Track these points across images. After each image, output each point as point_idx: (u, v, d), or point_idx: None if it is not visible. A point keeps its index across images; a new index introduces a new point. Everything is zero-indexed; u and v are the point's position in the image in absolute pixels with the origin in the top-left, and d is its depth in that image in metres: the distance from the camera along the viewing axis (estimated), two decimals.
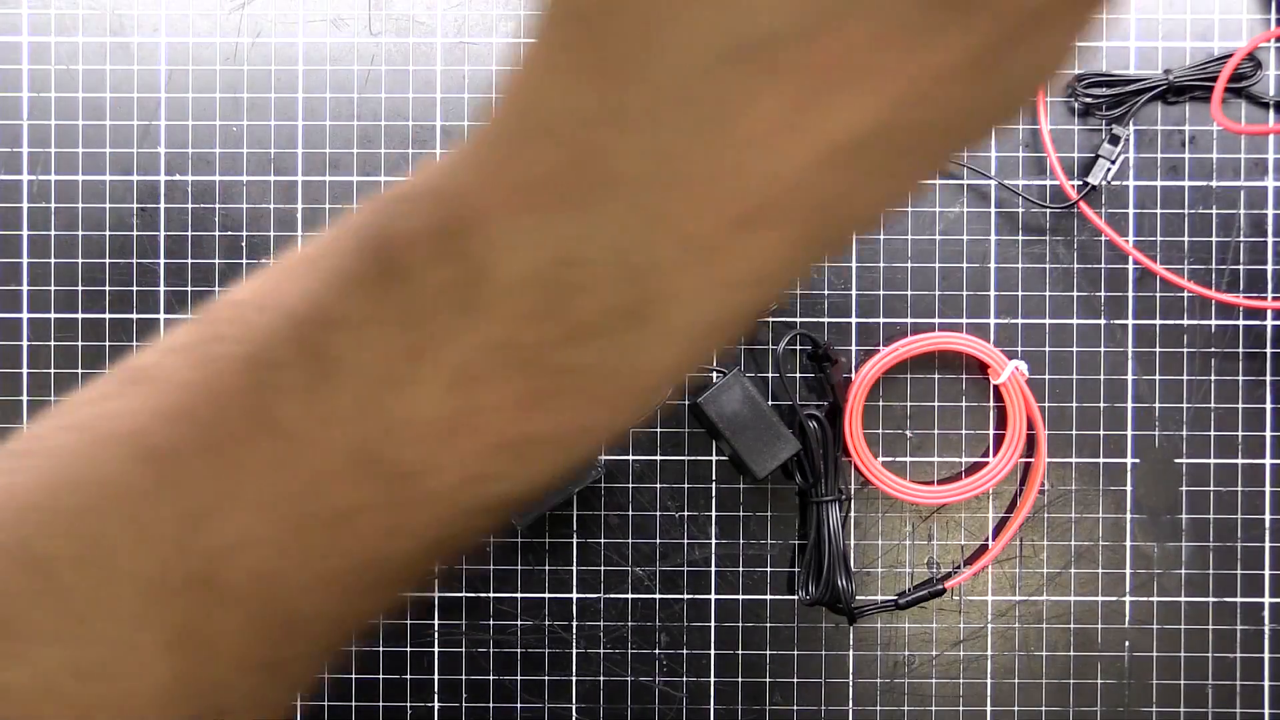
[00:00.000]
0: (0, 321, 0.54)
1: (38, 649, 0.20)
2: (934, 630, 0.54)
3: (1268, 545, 0.54)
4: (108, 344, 0.54)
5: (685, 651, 0.54)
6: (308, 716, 0.54)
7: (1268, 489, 0.54)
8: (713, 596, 0.54)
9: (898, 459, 0.54)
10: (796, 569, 0.54)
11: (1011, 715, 0.54)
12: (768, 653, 0.54)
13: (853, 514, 0.54)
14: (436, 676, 0.54)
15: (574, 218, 0.19)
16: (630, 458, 0.54)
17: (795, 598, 0.54)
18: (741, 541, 0.54)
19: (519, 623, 0.54)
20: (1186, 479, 0.54)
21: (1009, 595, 0.54)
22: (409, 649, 0.54)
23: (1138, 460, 0.54)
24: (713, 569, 0.54)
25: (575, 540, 0.54)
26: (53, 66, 0.54)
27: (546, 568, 0.54)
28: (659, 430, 0.54)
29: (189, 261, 0.54)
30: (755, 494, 0.54)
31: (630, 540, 0.54)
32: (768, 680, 0.54)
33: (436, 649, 0.54)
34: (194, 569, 0.20)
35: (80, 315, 0.54)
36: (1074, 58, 0.53)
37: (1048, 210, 0.54)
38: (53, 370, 0.54)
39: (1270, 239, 0.54)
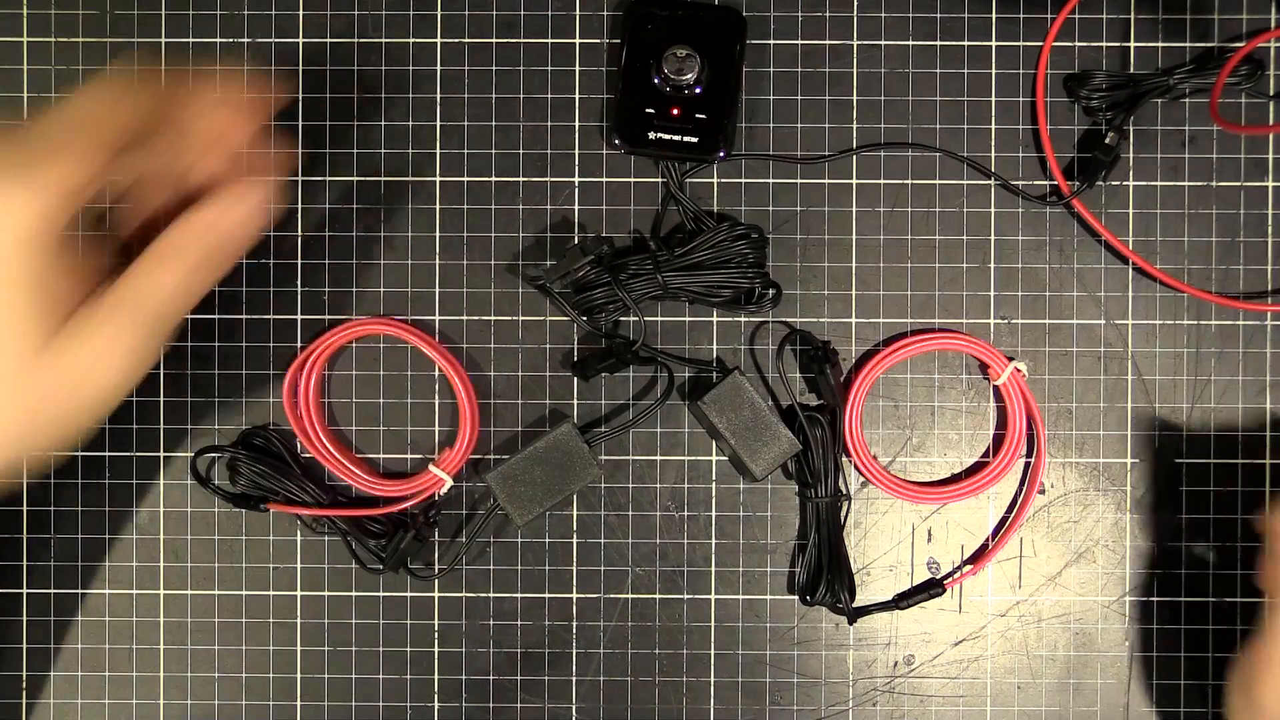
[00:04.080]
0: None
1: None
2: (934, 630, 0.54)
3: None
4: None
5: (685, 651, 0.54)
6: (309, 717, 0.54)
7: (1267, 489, 0.54)
8: (713, 596, 0.54)
9: (898, 459, 0.54)
10: (796, 569, 0.54)
11: (1011, 715, 0.54)
12: (768, 653, 0.54)
13: (853, 514, 0.54)
14: (436, 676, 0.54)
15: None
16: (630, 458, 0.54)
17: (795, 598, 0.54)
18: (741, 541, 0.54)
19: (519, 623, 0.54)
20: (1186, 479, 0.54)
21: (1009, 595, 0.54)
22: (409, 649, 0.54)
23: (1137, 460, 0.54)
24: (713, 569, 0.54)
25: (575, 540, 0.54)
26: (53, 67, 0.54)
27: (546, 568, 0.54)
28: (659, 430, 0.54)
29: None
30: (755, 494, 0.54)
31: (630, 540, 0.54)
32: (768, 680, 0.54)
33: (436, 649, 0.54)
34: None
35: None
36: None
37: (1047, 210, 0.54)
38: None
39: (1270, 239, 0.54)
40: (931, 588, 0.53)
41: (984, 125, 0.54)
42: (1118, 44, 0.54)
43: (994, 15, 0.54)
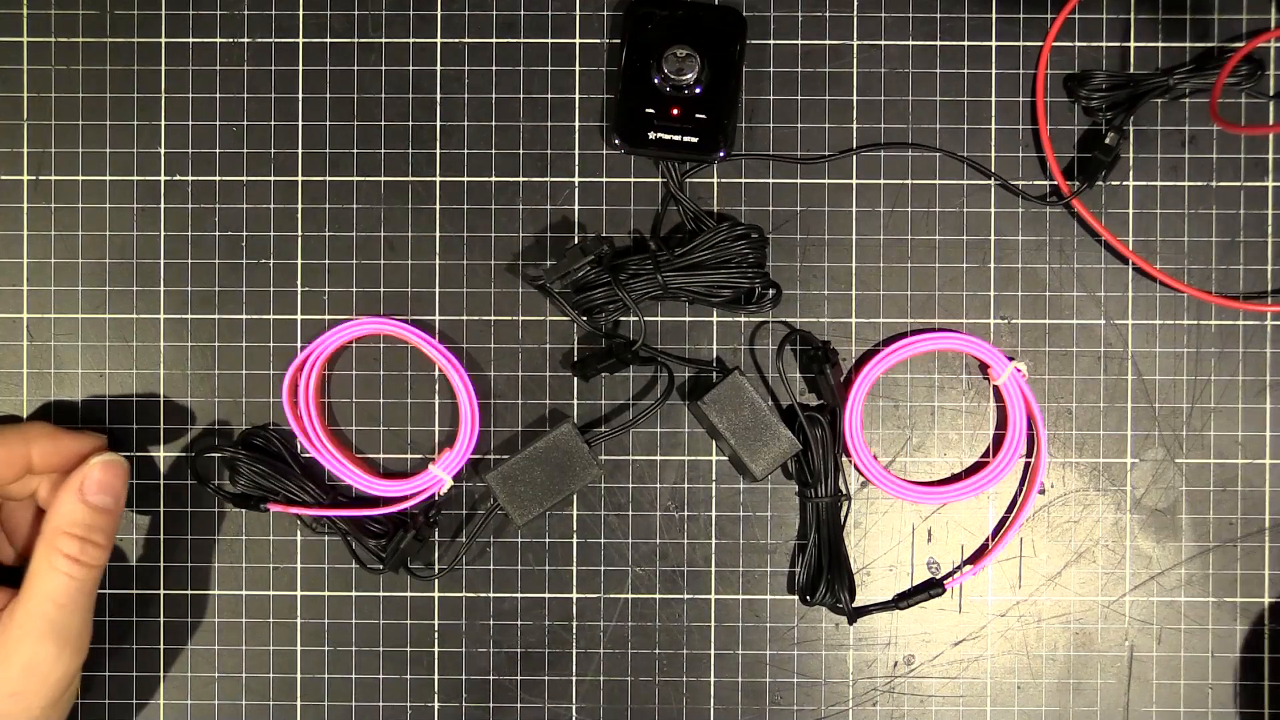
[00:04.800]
0: (0, 321, 0.54)
1: None
2: (934, 630, 0.54)
3: (1268, 545, 0.54)
4: (108, 344, 0.54)
5: (685, 651, 0.54)
6: (309, 717, 0.54)
7: (1268, 489, 0.54)
8: (713, 596, 0.54)
9: (898, 459, 0.54)
10: (796, 569, 0.54)
11: (1011, 715, 0.54)
12: (768, 653, 0.54)
13: (853, 514, 0.54)
14: (436, 676, 0.54)
15: None
16: (630, 458, 0.54)
17: (795, 598, 0.54)
18: (741, 541, 0.54)
19: (519, 623, 0.54)
20: (1186, 479, 0.54)
21: (1009, 595, 0.54)
22: (409, 649, 0.54)
23: (1137, 460, 0.54)
24: (713, 569, 0.54)
25: (575, 540, 0.54)
26: (53, 67, 0.54)
27: (546, 568, 0.54)
28: (659, 430, 0.54)
29: (189, 262, 0.54)
30: (755, 494, 0.54)
31: (630, 540, 0.54)
32: (768, 680, 0.54)
33: (436, 649, 0.54)
34: None
35: (80, 316, 0.54)
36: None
37: (1047, 210, 0.54)
38: (53, 370, 0.54)
39: (1270, 239, 0.54)
40: (931, 588, 0.53)
41: (984, 125, 0.54)
42: (1118, 44, 0.54)
43: (994, 15, 0.54)
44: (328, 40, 0.54)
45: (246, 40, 0.54)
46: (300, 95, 0.54)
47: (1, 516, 0.51)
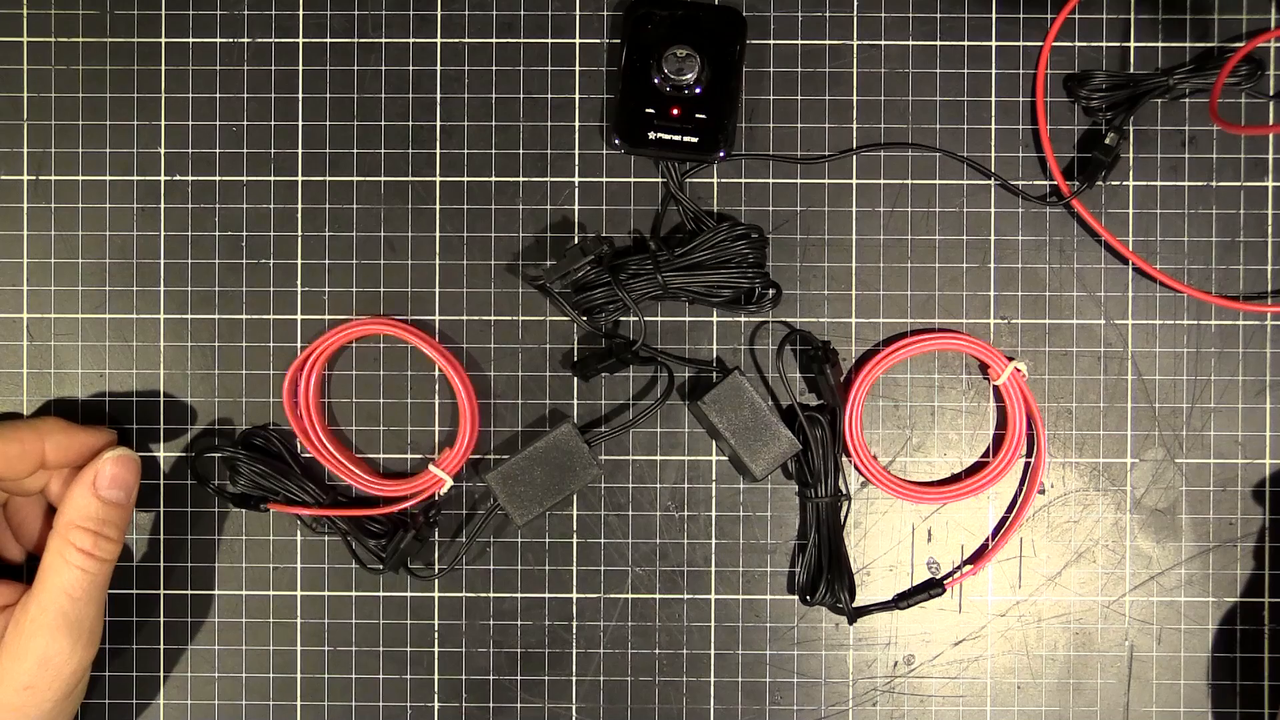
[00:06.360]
0: (0, 321, 0.54)
1: None
2: (934, 630, 0.54)
3: (1268, 545, 0.54)
4: (108, 344, 0.54)
5: (685, 651, 0.54)
6: (309, 717, 0.54)
7: (1267, 489, 0.54)
8: (713, 596, 0.54)
9: (898, 459, 0.54)
10: (796, 569, 0.54)
11: (1011, 715, 0.54)
12: (768, 653, 0.54)
13: (853, 514, 0.54)
14: (436, 676, 0.54)
15: None
16: (630, 458, 0.54)
17: (795, 598, 0.54)
18: (741, 541, 0.54)
19: (519, 623, 0.54)
20: (1186, 479, 0.54)
21: (1009, 595, 0.54)
22: (409, 649, 0.54)
23: (1137, 460, 0.54)
24: (713, 569, 0.54)
25: (575, 540, 0.54)
26: (53, 67, 0.54)
27: (546, 568, 0.54)
28: (659, 430, 0.54)
29: (189, 261, 0.54)
30: (755, 494, 0.54)
31: (630, 540, 0.54)
32: (768, 680, 0.54)
33: (436, 649, 0.54)
34: None
35: (80, 315, 0.54)
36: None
37: (1047, 210, 0.54)
38: (53, 370, 0.54)
39: (1270, 239, 0.54)
40: (931, 588, 0.53)
41: (984, 125, 0.54)
42: (1118, 44, 0.54)
43: (994, 15, 0.54)
44: (328, 40, 0.54)
45: (246, 40, 0.54)
46: (300, 95, 0.54)
47: (10, 512, 0.52)
